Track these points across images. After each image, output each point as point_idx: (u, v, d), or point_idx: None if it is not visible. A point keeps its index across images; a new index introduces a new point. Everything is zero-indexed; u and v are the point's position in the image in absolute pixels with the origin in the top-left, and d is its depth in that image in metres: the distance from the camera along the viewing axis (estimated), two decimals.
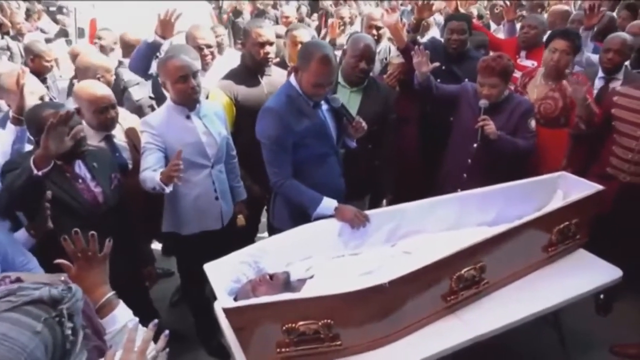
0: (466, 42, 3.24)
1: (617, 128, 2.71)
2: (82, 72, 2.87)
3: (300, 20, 6.39)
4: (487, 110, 2.59)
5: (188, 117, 2.35)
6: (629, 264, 2.41)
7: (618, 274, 2.28)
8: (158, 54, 3.04)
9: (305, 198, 2.23)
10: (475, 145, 2.67)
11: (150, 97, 3.07)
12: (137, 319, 1.35)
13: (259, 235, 3.28)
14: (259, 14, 7.92)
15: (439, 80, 3.05)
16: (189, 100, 2.31)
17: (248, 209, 2.79)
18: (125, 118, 2.58)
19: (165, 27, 2.84)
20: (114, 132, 2.43)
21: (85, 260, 1.34)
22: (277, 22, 6.85)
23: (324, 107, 2.31)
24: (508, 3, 4.20)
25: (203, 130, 2.38)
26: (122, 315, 1.32)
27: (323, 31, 4.82)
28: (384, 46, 3.71)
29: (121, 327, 1.29)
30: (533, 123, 2.71)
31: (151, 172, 2.17)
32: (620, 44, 2.90)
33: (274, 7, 7.86)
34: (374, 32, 3.58)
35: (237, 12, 8.65)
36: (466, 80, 2.95)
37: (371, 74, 2.85)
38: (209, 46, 3.18)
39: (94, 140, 2.29)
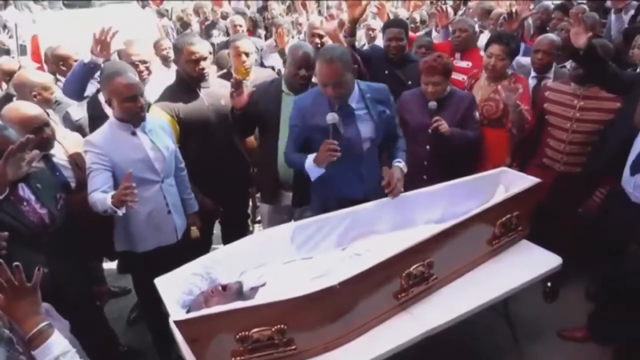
0: (405, 47, 3.35)
1: (549, 121, 2.89)
2: (19, 89, 2.79)
3: (253, 28, 6.37)
4: (435, 109, 2.73)
5: (134, 133, 2.32)
6: (569, 251, 2.55)
7: (558, 262, 2.41)
8: (97, 76, 2.98)
9: (297, 162, 2.43)
10: (428, 146, 2.79)
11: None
12: (74, 349, 1.33)
13: (213, 246, 3.26)
14: (210, 25, 7.86)
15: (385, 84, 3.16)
16: (136, 119, 2.29)
17: (201, 222, 2.77)
18: (66, 137, 2.51)
19: (102, 46, 2.81)
20: (53, 151, 2.37)
21: (12, 291, 1.31)
22: (227, 33, 6.83)
23: (358, 111, 2.37)
24: (443, 9, 4.43)
25: (150, 146, 2.35)
26: (56, 345, 1.30)
27: (270, 40, 4.87)
28: None
29: (55, 357, 1.27)
30: (477, 113, 2.89)
31: (100, 194, 2.14)
32: (548, 45, 3.08)
33: (224, 17, 7.79)
34: (317, 40, 3.65)
35: (184, 24, 8.55)
36: (409, 82, 3.05)
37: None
38: (143, 62, 3.16)
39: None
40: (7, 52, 7.61)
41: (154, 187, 2.40)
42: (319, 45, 3.67)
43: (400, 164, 2.47)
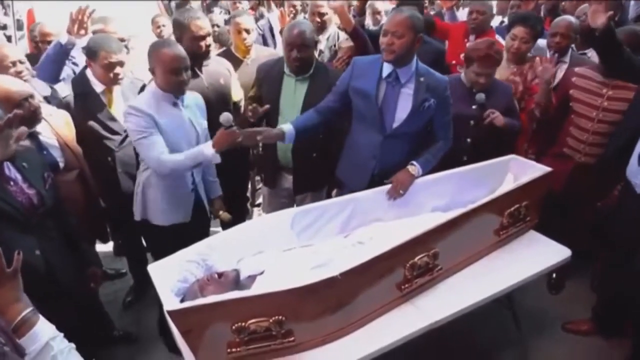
0: None
1: (574, 109, 2.76)
2: None
3: (254, 8, 6.22)
4: (484, 102, 2.60)
5: (175, 104, 2.28)
6: (578, 243, 2.47)
7: (567, 254, 2.33)
8: (71, 57, 2.92)
9: None
10: (469, 140, 2.67)
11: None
12: (60, 334, 1.25)
13: (212, 229, 3.19)
14: (212, 3, 7.67)
15: None
16: (177, 91, 2.25)
17: None
18: (52, 114, 2.40)
19: (79, 25, 2.74)
20: (40, 129, 2.27)
21: None
22: (228, 12, 6.66)
23: (407, 90, 2.30)
24: None
25: (187, 120, 2.32)
26: (43, 332, 1.22)
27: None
28: (332, 32, 3.65)
29: (43, 344, 1.19)
30: (516, 102, 2.79)
31: (177, 154, 2.20)
32: (566, 28, 2.94)
33: None
34: (317, 19, 3.52)
35: (182, 2, 8.30)
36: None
37: (322, 60, 2.80)
38: (122, 40, 3.04)
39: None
40: (4, 27, 7.45)
41: None
42: (319, 24, 3.53)
43: (413, 166, 2.34)
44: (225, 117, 2.19)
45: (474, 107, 2.64)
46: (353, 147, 2.50)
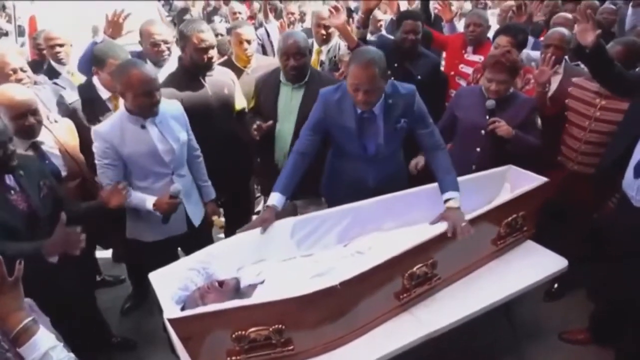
0: (420, 41, 3.24)
1: (569, 118, 2.80)
2: None
3: (252, 16, 6.27)
4: (494, 109, 2.55)
5: (143, 126, 2.24)
6: (574, 252, 2.50)
7: (564, 264, 2.36)
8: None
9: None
10: (478, 149, 2.64)
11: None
12: (60, 344, 1.27)
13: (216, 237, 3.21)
14: (212, 11, 7.71)
15: (392, 77, 3.06)
16: (148, 113, 2.22)
17: None
18: (57, 124, 2.44)
19: (115, 27, 2.90)
20: (42, 138, 2.29)
21: None
22: (227, 20, 6.70)
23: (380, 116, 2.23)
24: (442, 4, 4.25)
25: (159, 138, 2.27)
26: (43, 341, 1.23)
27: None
28: (334, 44, 3.68)
29: (42, 354, 1.21)
30: (539, 120, 2.68)
31: (135, 193, 2.26)
32: (559, 39, 2.98)
33: (225, 3, 7.63)
34: (323, 31, 3.55)
35: (183, 10, 8.34)
36: (419, 77, 2.99)
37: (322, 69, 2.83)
38: (165, 42, 3.05)
39: (19, 148, 2.13)
40: (6, 34, 7.49)
41: (164, 179, 2.34)
42: (324, 37, 3.57)
43: (452, 202, 2.15)
44: (175, 188, 2.24)
45: (488, 117, 2.59)
46: (339, 170, 2.48)
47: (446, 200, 2.16)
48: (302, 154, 2.28)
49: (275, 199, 2.17)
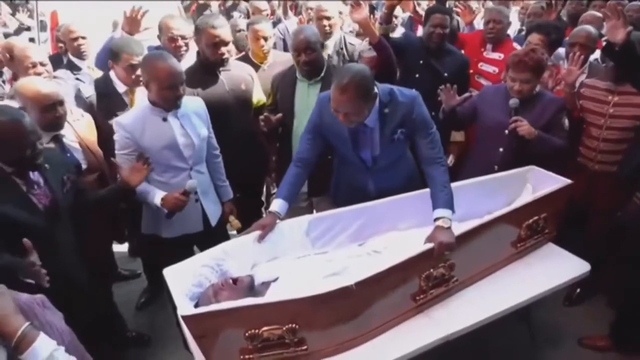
0: (446, 37, 3.17)
1: (585, 119, 2.73)
2: (17, 65, 2.76)
3: (273, 12, 6.24)
4: (518, 107, 2.47)
5: (165, 119, 2.24)
6: (595, 255, 2.43)
7: (586, 268, 2.29)
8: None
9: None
10: (501, 149, 2.58)
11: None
12: (62, 348, 1.23)
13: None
14: (231, 7, 7.70)
15: (417, 75, 3.02)
16: (171, 106, 2.22)
17: None
18: (78, 118, 2.45)
19: (132, 24, 2.92)
20: (63, 132, 2.30)
21: None
22: (247, 15, 6.69)
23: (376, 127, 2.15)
24: (466, 5, 4.17)
25: (180, 132, 2.27)
26: (43, 347, 1.19)
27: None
28: (338, 36, 3.58)
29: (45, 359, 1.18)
30: (566, 121, 2.61)
31: (145, 185, 2.23)
32: (585, 38, 2.90)
33: None
34: (324, 23, 3.47)
35: (202, 6, 8.34)
36: (446, 75, 2.97)
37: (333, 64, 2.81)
38: (183, 37, 3.05)
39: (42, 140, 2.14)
40: (28, 29, 7.59)
41: (182, 174, 2.33)
42: (327, 29, 3.50)
43: (441, 221, 1.97)
44: (192, 184, 2.21)
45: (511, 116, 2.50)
46: (342, 176, 2.45)
47: (436, 219, 2.00)
48: (302, 160, 2.24)
49: (278, 205, 2.14)
